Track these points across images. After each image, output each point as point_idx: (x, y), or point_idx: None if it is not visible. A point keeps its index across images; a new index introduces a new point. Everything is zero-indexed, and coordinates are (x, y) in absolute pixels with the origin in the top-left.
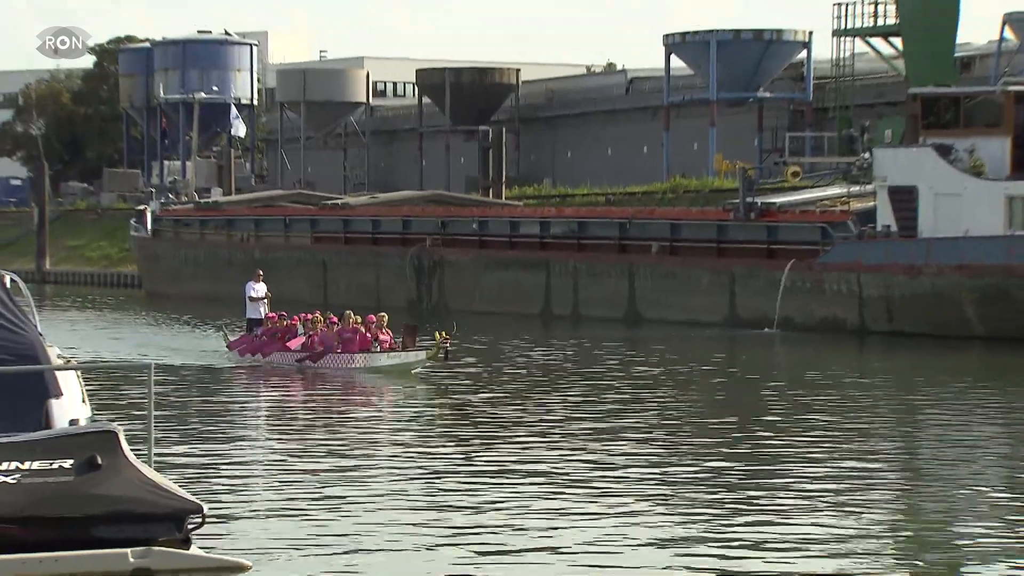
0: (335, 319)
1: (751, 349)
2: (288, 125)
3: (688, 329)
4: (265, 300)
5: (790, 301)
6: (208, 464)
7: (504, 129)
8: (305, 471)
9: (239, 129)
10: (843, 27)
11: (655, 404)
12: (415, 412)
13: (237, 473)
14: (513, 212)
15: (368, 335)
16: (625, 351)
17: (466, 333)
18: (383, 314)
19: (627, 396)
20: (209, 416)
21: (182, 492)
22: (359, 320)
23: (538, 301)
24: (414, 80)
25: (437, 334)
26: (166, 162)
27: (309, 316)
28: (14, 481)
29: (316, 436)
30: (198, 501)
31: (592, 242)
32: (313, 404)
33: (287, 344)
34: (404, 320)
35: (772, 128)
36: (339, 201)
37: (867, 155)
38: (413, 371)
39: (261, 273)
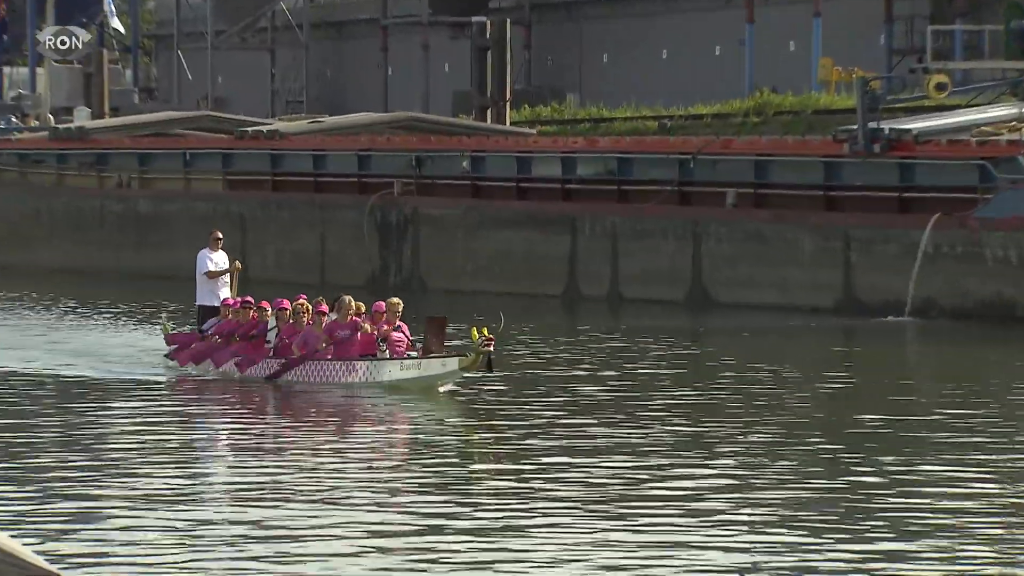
0: (324, 308)
1: (876, 348)
2: (189, 15)
3: (782, 318)
4: (228, 278)
5: (933, 275)
6: (84, 521)
7: (508, 20)
8: (225, 539)
9: (114, 19)
10: None
11: (743, 442)
12: (429, 464)
13: (126, 538)
14: (522, 144)
15: (374, 333)
16: (691, 353)
17: (454, 324)
18: (396, 300)
19: (700, 430)
20: (98, 459)
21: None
22: (363, 309)
23: (559, 276)
24: None
25: (475, 331)
26: (6, 69)
27: (286, 304)
28: None
29: (262, 494)
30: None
31: (639, 188)
32: (270, 441)
33: (252, 347)
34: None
35: (906, 18)
36: (265, 128)
37: None
38: (439, 387)
39: (220, 237)
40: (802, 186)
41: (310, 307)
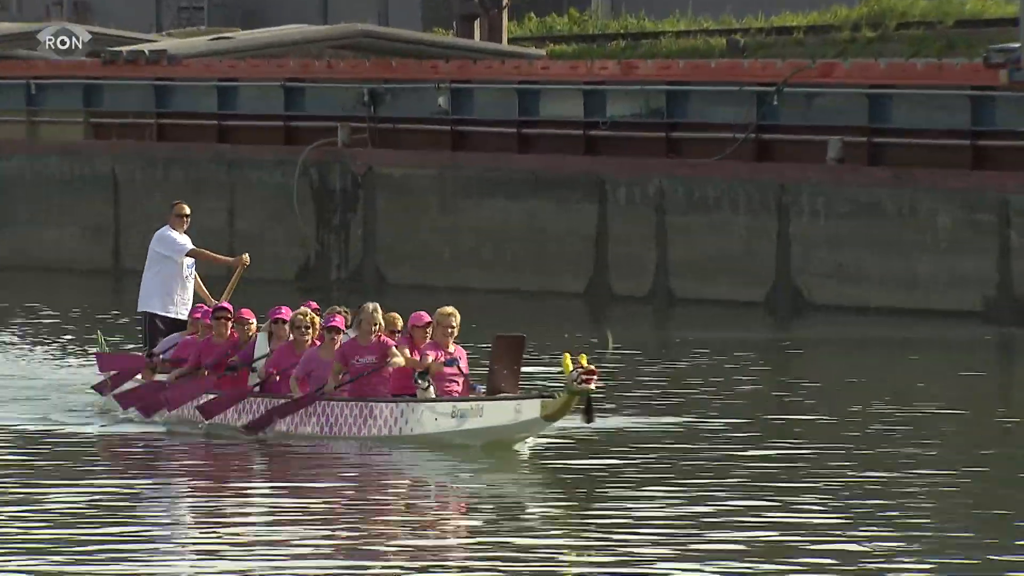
0: (339, 321)
1: None
2: None
3: (908, 326)
4: (192, 271)
5: None
6: None
7: None
8: None
9: None
10: None
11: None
12: None
13: None
14: (525, 72)
15: (416, 359)
16: (781, 382)
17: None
18: (450, 310)
19: (855, 505)
20: None
21: None
22: (398, 324)
23: (580, 265)
24: None
25: (567, 359)
26: None
27: (285, 313)
28: None
29: None
30: None
31: (697, 136)
32: (254, 547)
33: (229, 380)
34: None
35: None
36: (147, 48)
37: None
38: (516, 442)
39: (187, 213)
40: (938, 133)
41: (316, 319)
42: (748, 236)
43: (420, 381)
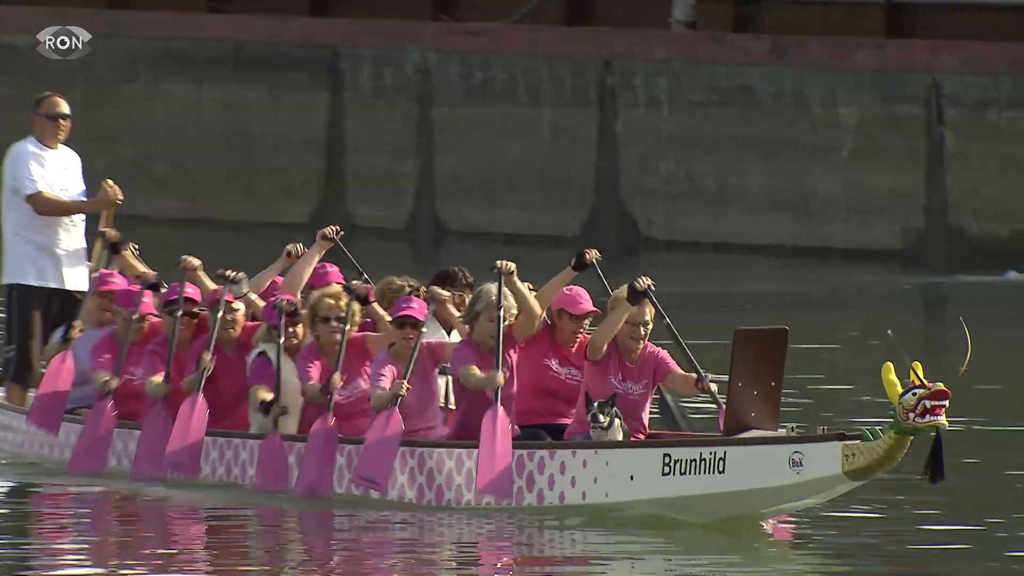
0: (420, 307)
1: None
2: None
3: (798, 267)
4: (106, 229)
5: None
6: None
7: None
8: None
9: None
10: None
11: None
12: None
13: None
14: None
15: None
16: None
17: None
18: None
19: None
20: None
21: None
22: (512, 316)
23: (309, 181)
24: None
25: (890, 372)
26: None
27: (283, 296)
28: None
29: None
30: None
31: None
32: None
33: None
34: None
35: None
36: None
37: None
38: (775, 513)
39: (63, 110)
40: None
41: (342, 295)
42: (553, 139)
43: (601, 416)
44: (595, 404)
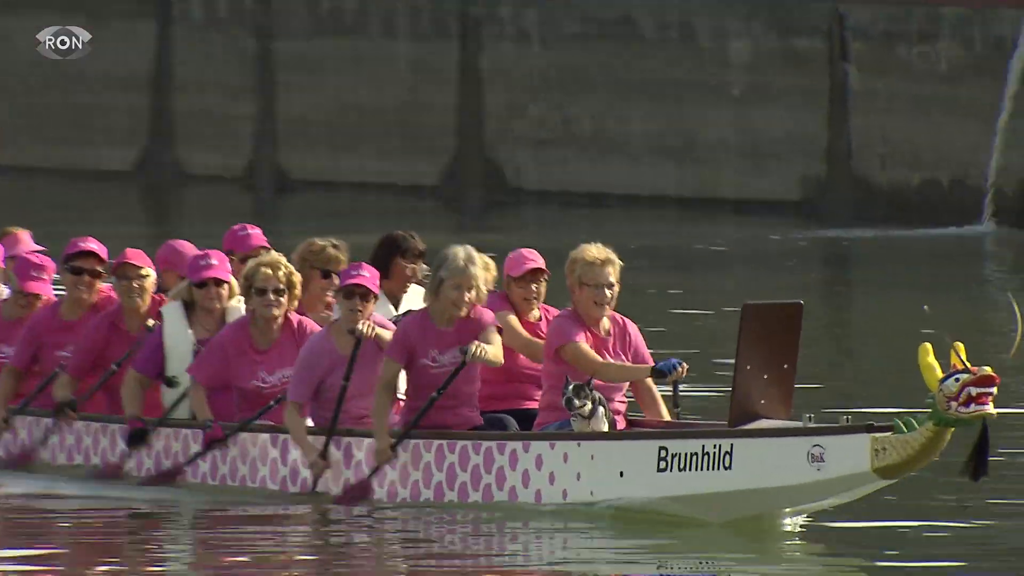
0: (371, 275)
1: None
2: None
3: (657, 220)
4: None
5: None
6: None
7: None
8: None
9: None
10: None
11: None
12: None
13: None
14: None
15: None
16: None
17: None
18: (604, 254)
19: None
20: None
21: None
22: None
23: (131, 125)
24: None
25: (928, 353)
26: None
27: (216, 265)
28: None
29: None
30: None
31: None
32: None
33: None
34: None
35: None
36: None
37: None
38: (794, 514)
39: None
40: None
41: (296, 275)
42: (410, 77)
43: (576, 401)
44: (569, 387)
